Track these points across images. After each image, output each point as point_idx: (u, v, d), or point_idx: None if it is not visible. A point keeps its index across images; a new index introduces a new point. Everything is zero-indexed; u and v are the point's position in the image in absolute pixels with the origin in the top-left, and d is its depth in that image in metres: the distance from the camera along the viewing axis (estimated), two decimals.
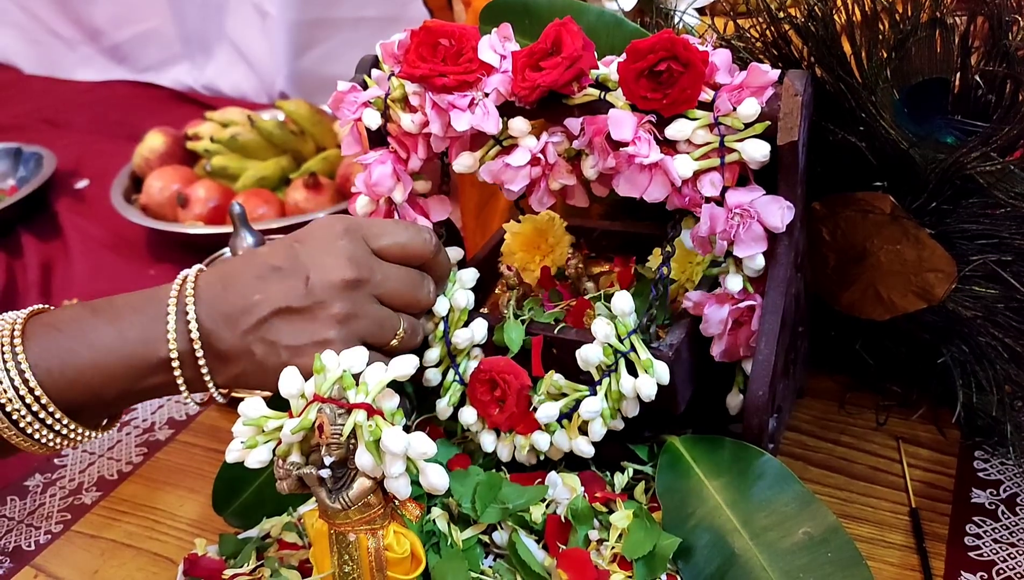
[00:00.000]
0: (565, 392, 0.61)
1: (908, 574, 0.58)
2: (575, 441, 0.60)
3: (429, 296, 0.61)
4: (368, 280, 0.57)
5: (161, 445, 0.77)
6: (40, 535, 0.68)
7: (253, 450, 0.52)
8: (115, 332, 0.55)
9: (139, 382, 0.55)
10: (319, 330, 0.56)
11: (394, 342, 0.59)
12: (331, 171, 1.22)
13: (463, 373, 0.64)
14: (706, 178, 0.57)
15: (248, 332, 0.55)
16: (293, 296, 0.56)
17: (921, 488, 0.64)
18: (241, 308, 0.55)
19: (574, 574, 0.56)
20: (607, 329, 0.58)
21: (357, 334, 0.57)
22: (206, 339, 0.55)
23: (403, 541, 0.52)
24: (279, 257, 0.57)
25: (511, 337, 0.62)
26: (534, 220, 0.72)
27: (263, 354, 0.56)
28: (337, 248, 0.57)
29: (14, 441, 0.54)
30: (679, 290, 0.65)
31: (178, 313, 0.55)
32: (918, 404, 0.71)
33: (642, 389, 0.57)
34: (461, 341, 0.63)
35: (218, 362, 0.56)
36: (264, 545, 0.62)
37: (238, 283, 0.56)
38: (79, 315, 0.56)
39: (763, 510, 0.56)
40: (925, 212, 0.62)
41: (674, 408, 0.61)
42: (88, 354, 0.54)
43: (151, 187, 1.19)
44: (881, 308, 0.67)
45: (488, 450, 0.63)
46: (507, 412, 0.61)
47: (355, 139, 0.67)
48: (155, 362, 0.55)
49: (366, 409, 0.50)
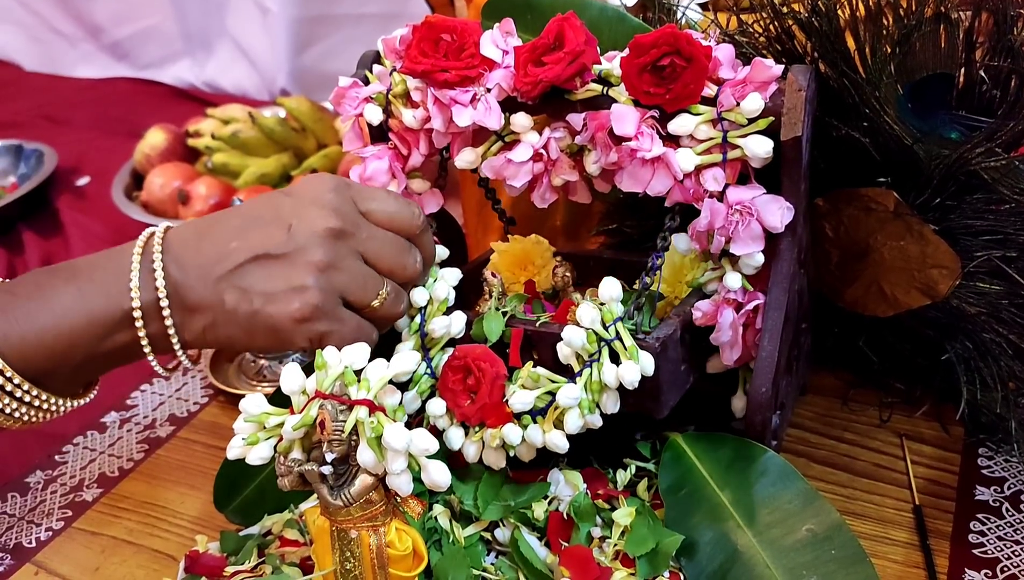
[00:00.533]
0: (542, 386, 0.58)
1: (912, 571, 0.58)
2: (549, 435, 0.57)
3: (416, 265, 0.58)
4: (353, 234, 0.55)
5: (162, 442, 0.77)
6: (41, 532, 0.68)
7: (254, 447, 0.52)
8: (75, 290, 0.52)
9: (103, 342, 0.53)
10: (296, 276, 0.53)
11: (375, 303, 0.56)
12: (332, 168, 1.22)
13: (435, 367, 0.61)
14: (709, 173, 0.57)
15: (220, 279, 0.53)
16: (272, 242, 0.54)
17: (925, 485, 0.64)
18: (216, 256, 0.53)
19: (576, 571, 0.55)
20: (593, 313, 0.56)
21: (336, 285, 0.54)
22: (173, 290, 0.53)
23: (405, 538, 0.52)
24: (261, 208, 0.56)
25: (490, 327, 0.60)
26: (522, 241, 0.71)
27: (234, 302, 0.53)
28: (324, 199, 0.55)
29: None
30: (666, 308, 0.63)
31: (143, 265, 0.53)
32: (922, 401, 0.71)
33: (625, 376, 0.54)
34: (438, 329, 0.60)
35: (185, 314, 0.54)
36: (265, 542, 0.62)
37: (215, 232, 0.55)
38: (36, 279, 0.54)
39: (766, 507, 0.56)
40: (929, 208, 0.62)
41: (656, 411, 0.58)
42: (47, 317, 0.52)
43: (152, 184, 1.19)
44: (884, 304, 0.67)
45: (454, 448, 0.60)
46: (479, 403, 0.57)
47: (357, 135, 0.66)
48: (118, 317, 0.52)
49: (368, 405, 0.50)
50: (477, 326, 0.61)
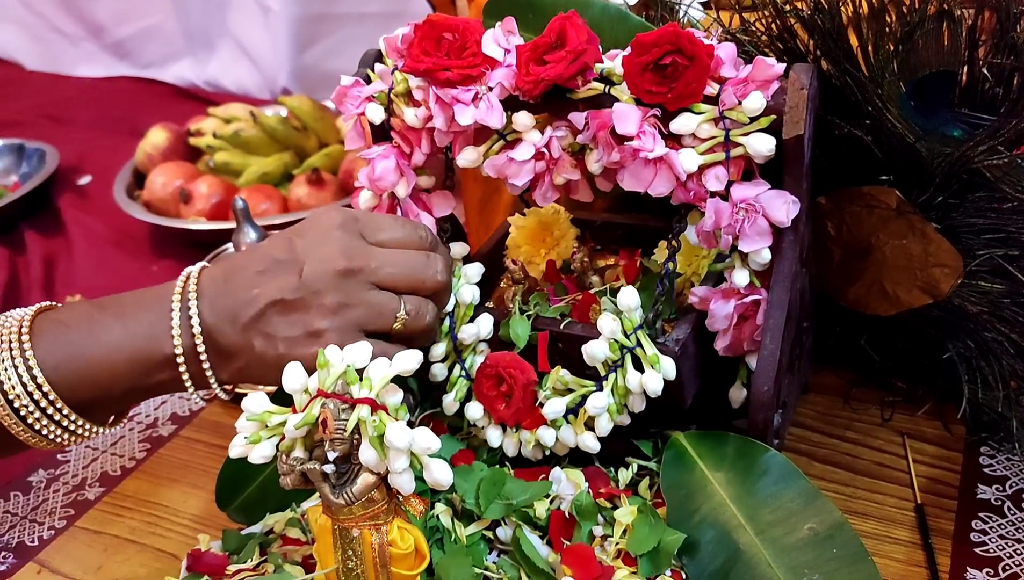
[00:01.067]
0: (571, 387, 0.61)
1: (914, 570, 0.58)
2: (581, 436, 0.60)
3: (437, 276, 0.59)
4: (362, 269, 0.56)
5: (164, 441, 0.77)
6: (43, 531, 0.68)
7: (256, 445, 0.52)
8: (122, 328, 0.55)
9: (145, 378, 0.56)
10: (312, 321, 0.55)
11: (397, 326, 0.57)
12: (334, 167, 1.22)
13: (469, 368, 0.64)
14: (711, 172, 0.57)
15: (247, 326, 0.56)
16: (287, 288, 0.55)
17: (927, 484, 0.64)
18: (241, 302, 0.56)
19: (578, 570, 0.55)
20: (613, 325, 0.58)
21: (352, 322, 0.56)
22: (208, 335, 0.56)
23: (407, 537, 0.52)
24: (278, 249, 0.57)
25: (517, 332, 0.62)
26: (539, 213, 0.72)
27: (262, 348, 0.56)
28: (332, 238, 0.57)
29: (22, 437, 0.54)
30: (685, 284, 0.65)
31: (182, 310, 0.56)
32: (923, 400, 0.70)
33: (648, 385, 0.57)
34: (467, 337, 0.63)
35: (220, 358, 0.56)
36: (267, 541, 0.62)
37: (239, 278, 0.57)
38: (87, 312, 0.56)
39: (768, 506, 0.56)
40: (931, 206, 0.62)
41: (681, 403, 0.61)
42: (96, 350, 0.54)
43: (154, 183, 1.19)
44: (886, 303, 0.67)
45: (495, 445, 0.63)
46: (513, 407, 0.61)
47: (359, 134, 0.66)
48: (160, 359, 0.55)
49: (370, 404, 0.50)
50: (504, 329, 0.63)
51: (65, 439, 0.55)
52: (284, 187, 1.21)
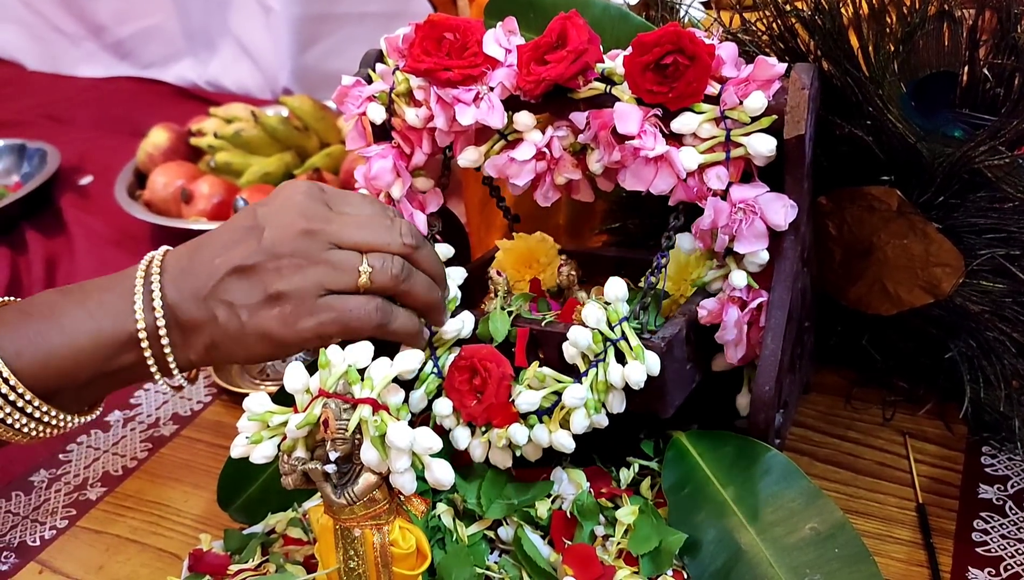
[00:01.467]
0: (548, 385, 0.58)
1: (915, 570, 0.58)
2: (555, 435, 0.57)
3: (402, 239, 0.56)
4: (321, 230, 0.55)
5: (166, 441, 0.77)
6: (45, 531, 0.68)
7: (258, 445, 0.52)
8: (84, 312, 0.54)
9: (110, 362, 0.54)
10: (271, 283, 0.54)
11: (362, 280, 0.55)
12: (335, 167, 1.22)
13: (442, 366, 0.61)
14: (712, 171, 0.57)
15: (208, 297, 0.54)
16: (246, 253, 0.54)
17: (928, 484, 0.64)
18: (204, 274, 0.55)
19: (580, 570, 0.55)
20: (598, 314, 0.56)
21: (313, 282, 0.54)
22: (170, 311, 0.54)
23: (408, 537, 0.52)
24: (241, 219, 0.57)
25: (496, 326, 0.60)
26: (527, 239, 0.71)
27: (225, 318, 0.54)
28: (292, 202, 0.56)
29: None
30: (671, 306, 0.64)
31: (144, 288, 0.55)
32: (925, 399, 0.70)
33: (631, 376, 0.55)
34: (448, 331, 0.61)
35: (184, 335, 0.55)
36: (269, 541, 0.62)
37: (203, 251, 0.56)
38: (49, 298, 0.56)
39: (769, 506, 0.56)
40: (932, 206, 0.62)
41: (662, 410, 0.58)
42: (58, 336, 0.53)
43: (155, 183, 1.19)
44: (888, 303, 0.67)
45: (461, 447, 0.60)
46: (485, 402, 0.58)
47: (360, 133, 0.66)
48: (124, 339, 0.54)
49: (371, 404, 0.50)
50: (483, 326, 0.61)
51: (38, 431, 0.54)
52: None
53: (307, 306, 0.54)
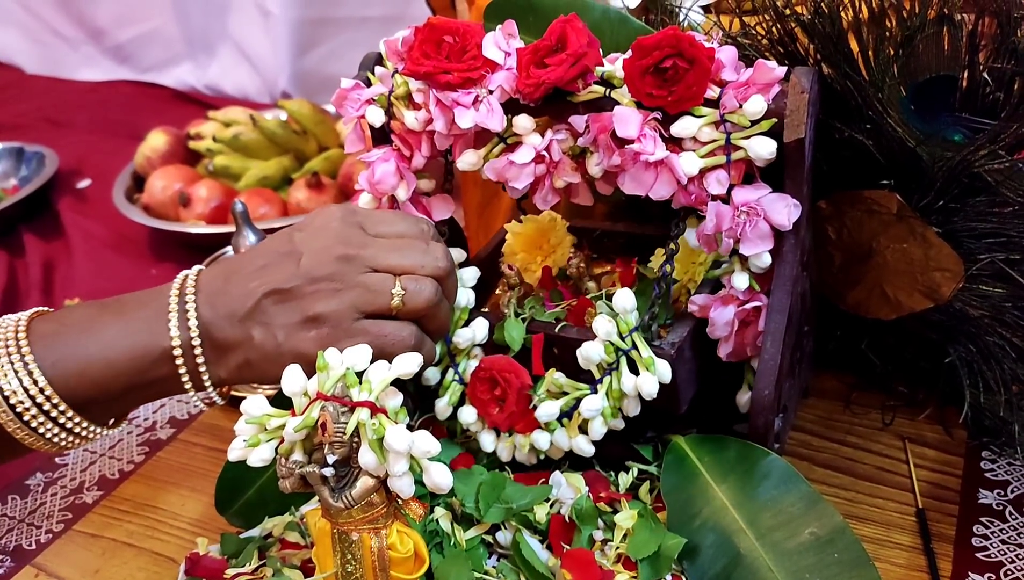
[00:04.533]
0: (566, 391, 0.60)
1: (915, 575, 0.58)
2: (575, 440, 0.60)
3: (436, 262, 0.58)
4: (358, 255, 0.56)
5: (163, 444, 0.77)
6: (41, 534, 0.68)
7: (255, 448, 0.52)
8: (121, 325, 0.55)
9: (144, 376, 0.55)
10: (309, 306, 0.55)
11: (395, 302, 0.56)
12: (333, 171, 1.22)
13: (463, 372, 0.63)
14: (712, 176, 0.57)
15: (245, 318, 0.56)
16: (283, 277, 0.56)
17: (928, 489, 0.64)
18: (239, 297, 0.56)
19: (578, 574, 0.55)
20: (608, 326, 0.58)
21: (348, 305, 0.56)
22: (205, 330, 0.56)
23: (406, 540, 0.52)
24: (277, 244, 0.58)
25: (512, 335, 0.62)
26: (536, 220, 0.72)
27: (261, 338, 0.55)
28: (330, 229, 0.57)
29: (27, 441, 0.54)
30: (681, 290, 0.65)
31: (179, 306, 0.56)
32: (924, 404, 0.70)
33: (643, 387, 0.57)
34: (462, 341, 0.63)
35: (218, 353, 0.56)
36: (266, 545, 0.62)
37: (239, 273, 0.57)
38: (86, 312, 0.57)
39: (769, 510, 0.56)
40: (932, 210, 0.62)
41: (676, 408, 0.60)
42: (94, 348, 0.54)
43: (153, 186, 1.19)
44: (887, 307, 0.67)
45: (488, 450, 0.63)
46: (507, 411, 0.60)
47: (359, 137, 0.66)
48: (157, 354, 0.55)
49: (369, 407, 0.49)
50: (499, 332, 0.63)
51: (66, 441, 0.55)
52: (284, 191, 1.21)
53: (344, 329, 0.55)
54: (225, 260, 0.60)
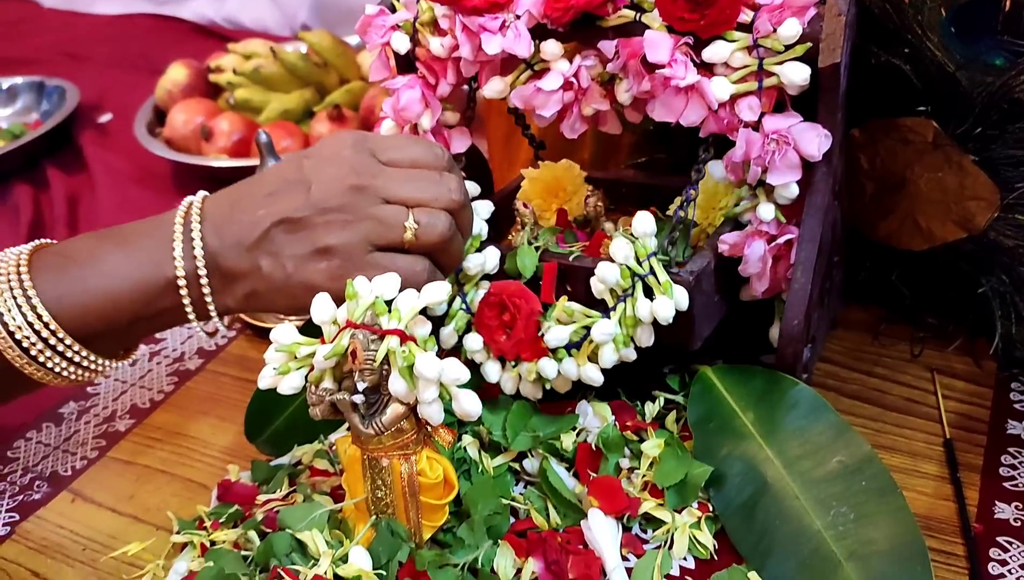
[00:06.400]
0: (577, 320, 0.58)
1: (941, 503, 0.58)
2: (584, 368, 0.58)
3: (450, 194, 0.56)
4: (370, 185, 0.55)
5: (192, 374, 0.77)
6: (76, 461, 0.69)
7: (286, 376, 0.52)
8: (123, 256, 0.54)
9: (149, 306, 0.54)
10: (319, 237, 0.54)
11: (408, 236, 0.55)
12: (355, 103, 1.21)
13: (470, 302, 0.61)
14: (743, 102, 0.56)
15: (252, 248, 0.54)
16: (293, 207, 0.54)
17: (956, 419, 0.64)
18: (247, 225, 0.55)
19: (605, 501, 0.56)
20: (626, 249, 0.56)
21: (360, 237, 0.54)
22: (211, 259, 0.55)
23: (436, 466, 0.52)
24: (286, 171, 0.56)
25: (524, 262, 0.60)
26: (552, 167, 0.71)
27: (269, 269, 0.54)
28: (342, 157, 0.55)
29: (36, 376, 0.54)
30: (701, 235, 0.63)
31: (184, 234, 0.55)
32: (954, 336, 0.70)
33: (659, 312, 0.55)
34: (472, 266, 0.61)
35: (224, 282, 0.55)
36: (296, 472, 0.63)
37: (246, 201, 0.56)
38: (87, 243, 0.56)
39: (796, 439, 0.56)
40: (969, 138, 0.60)
41: (690, 343, 0.59)
42: (97, 280, 0.53)
43: (174, 120, 1.18)
44: (919, 238, 0.66)
45: (492, 380, 0.61)
46: (515, 338, 0.58)
47: (383, 64, 0.65)
48: (163, 284, 0.54)
49: (399, 335, 0.50)
50: (511, 261, 0.61)
51: (75, 374, 0.55)
52: (305, 124, 1.20)
53: (355, 261, 0.54)
54: (230, 187, 0.58)
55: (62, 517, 0.64)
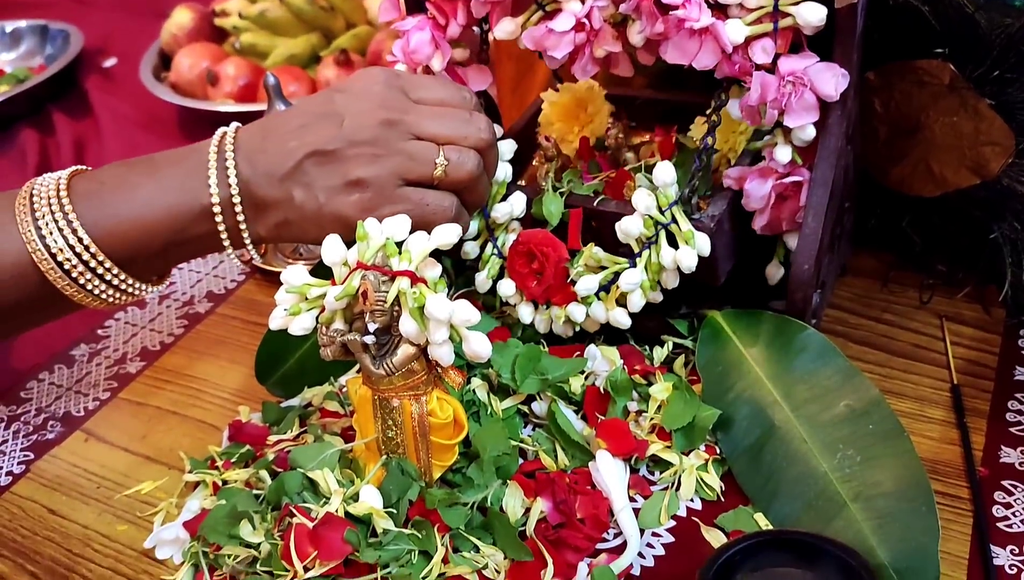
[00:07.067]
0: (604, 265, 0.60)
1: (947, 447, 0.58)
2: (612, 312, 0.60)
3: (479, 133, 0.57)
4: (401, 120, 0.56)
5: (201, 317, 0.78)
6: (88, 402, 0.70)
7: (296, 317, 0.52)
8: (155, 184, 0.55)
9: (183, 233, 0.56)
10: (350, 170, 0.55)
11: (437, 172, 0.56)
12: (362, 48, 1.20)
13: (501, 246, 0.63)
14: (758, 44, 0.55)
15: (285, 178, 0.55)
16: (325, 139, 0.55)
17: (963, 365, 0.64)
18: (279, 155, 0.56)
19: (613, 443, 0.56)
20: (648, 200, 0.57)
21: (390, 171, 0.55)
22: (245, 187, 0.56)
23: (446, 407, 0.53)
24: (318, 105, 0.57)
25: (550, 210, 0.62)
26: (573, 89, 0.70)
27: (301, 199, 0.55)
28: (373, 93, 0.57)
29: (76, 297, 0.55)
30: (721, 160, 0.64)
31: (219, 163, 0.56)
32: (964, 283, 0.69)
33: (683, 261, 0.57)
34: (500, 215, 0.63)
35: (257, 211, 0.56)
36: (307, 413, 0.63)
37: (278, 132, 0.57)
38: (119, 170, 0.57)
39: (804, 383, 0.56)
40: (986, 81, 0.60)
41: (714, 280, 0.60)
42: (132, 206, 0.55)
43: (180, 64, 1.17)
44: (932, 184, 0.66)
45: (526, 322, 0.63)
46: (544, 284, 0.61)
47: (392, 5, 0.64)
48: (197, 211, 0.55)
49: (409, 277, 0.50)
50: (537, 207, 0.62)
51: (112, 297, 0.56)
52: (312, 69, 1.19)
53: (386, 195, 0.55)
54: (263, 119, 0.59)
55: (76, 456, 0.65)
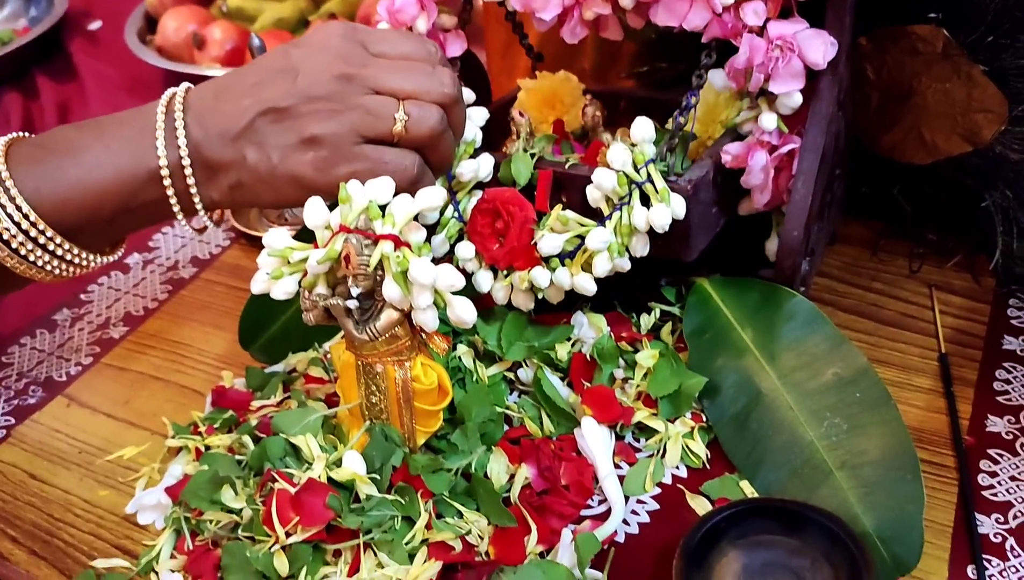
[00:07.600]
0: (571, 229, 0.57)
1: (934, 416, 0.58)
2: (577, 278, 0.57)
3: (442, 87, 0.54)
4: (358, 74, 0.53)
5: (185, 283, 0.77)
6: (71, 367, 0.69)
7: (279, 281, 0.51)
8: (102, 147, 0.52)
9: (131, 198, 0.53)
10: (306, 127, 0.52)
11: (397, 128, 0.53)
12: (351, 12, 1.18)
13: (463, 210, 0.60)
14: (749, 6, 0.54)
15: (237, 137, 0.53)
16: (279, 96, 0.53)
17: (952, 334, 0.64)
18: (231, 115, 0.53)
19: (598, 410, 0.56)
20: (624, 155, 0.54)
21: (347, 127, 0.52)
22: (195, 149, 0.53)
23: (430, 373, 0.52)
24: (273, 60, 0.55)
25: (519, 169, 0.59)
26: (550, 78, 0.69)
27: (255, 159, 0.53)
28: (329, 45, 0.54)
29: (18, 269, 0.52)
30: (700, 148, 0.62)
31: (167, 124, 0.53)
32: (954, 252, 0.69)
33: (656, 219, 0.54)
34: (465, 173, 0.59)
35: (209, 173, 0.54)
36: (290, 379, 0.63)
37: (231, 90, 0.54)
38: (64, 134, 0.54)
39: (792, 350, 0.56)
40: (980, 47, 0.59)
41: (685, 254, 0.58)
42: (77, 172, 0.52)
43: (166, 27, 1.16)
44: (923, 151, 0.65)
45: (483, 290, 0.60)
46: (508, 246, 0.57)
47: None
48: (145, 175, 0.53)
49: (393, 240, 0.49)
50: (505, 168, 0.60)
51: (61, 269, 0.53)
52: (300, 33, 1.17)
53: (342, 153, 0.53)
54: (216, 78, 0.56)
55: (57, 421, 0.64)
